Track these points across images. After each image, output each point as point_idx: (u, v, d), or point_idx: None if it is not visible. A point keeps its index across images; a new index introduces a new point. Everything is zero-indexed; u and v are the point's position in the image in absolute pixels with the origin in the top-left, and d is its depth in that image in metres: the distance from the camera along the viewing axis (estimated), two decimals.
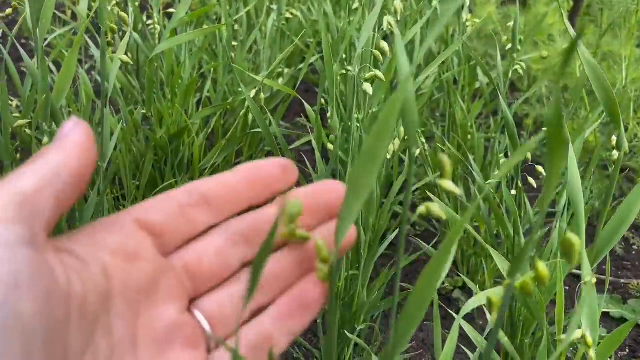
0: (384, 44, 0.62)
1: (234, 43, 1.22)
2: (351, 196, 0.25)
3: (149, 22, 1.09)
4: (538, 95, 1.33)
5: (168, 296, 0.24)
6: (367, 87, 0.62)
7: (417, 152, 0.93)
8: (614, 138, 0.52)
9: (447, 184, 0.30)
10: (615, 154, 0.51)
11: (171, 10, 1.16)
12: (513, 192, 0.69)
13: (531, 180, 0.71)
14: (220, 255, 0.26)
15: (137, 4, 1.02)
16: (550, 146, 0.25)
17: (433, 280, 0.28)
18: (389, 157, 0.77)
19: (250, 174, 0.27)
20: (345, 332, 0.71)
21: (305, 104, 0.79)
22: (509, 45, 0.94)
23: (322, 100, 0.83)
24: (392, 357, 0.31)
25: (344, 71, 0.85)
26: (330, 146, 0.71)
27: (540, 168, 0.68)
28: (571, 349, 0.75)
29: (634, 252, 1.16)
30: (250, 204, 0.27)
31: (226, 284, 0.26)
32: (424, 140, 0.94)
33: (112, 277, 0.22)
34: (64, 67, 0.57)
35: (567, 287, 1.02)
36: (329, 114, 0.89)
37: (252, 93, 0.81)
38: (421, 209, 0.31)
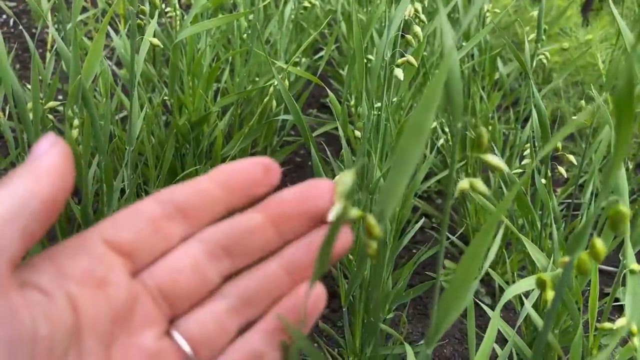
0: (417, 29, 0.61)
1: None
2: (398, 169, 0.24)
3: (167, 9, 1.08)
4: (555, 89, 1.32)
5: (144, 322, 0.23)
6: (399, 73, 0.61)
7: (440, 142, 0.92)
8: None
9: (492, 159, 0.29)
10: None
11: None
12: (543, 180, 0.68)
13: (561, 169, 0.70)
14: (197, 270, 0.24)
15: None
16: (618, 114, 0.24)
17: (477, 256, 0.27)
18: None
19: (228, 177, 0.24)
20: (374, 320, 0.71)
21: (329, 92, 0.79)
22: (531, 36, 0.93)
23: (340, 90, 0.82)
24: (434, 338, 0.31)
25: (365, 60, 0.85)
26: (357, 133, 0.71)
27: (571, 157, 0.68)
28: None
29: None
30: (229, 210, 0.25)
31: (207, 301, 0.24)
32: (446, 129, 0.94)
33: (80, 309, 0.21)
34: (92, 45, 0.56)
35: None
36: (352, 102, 0.88)
37: (275, 82, 0.80)
38: (463, 184, 0.30)
